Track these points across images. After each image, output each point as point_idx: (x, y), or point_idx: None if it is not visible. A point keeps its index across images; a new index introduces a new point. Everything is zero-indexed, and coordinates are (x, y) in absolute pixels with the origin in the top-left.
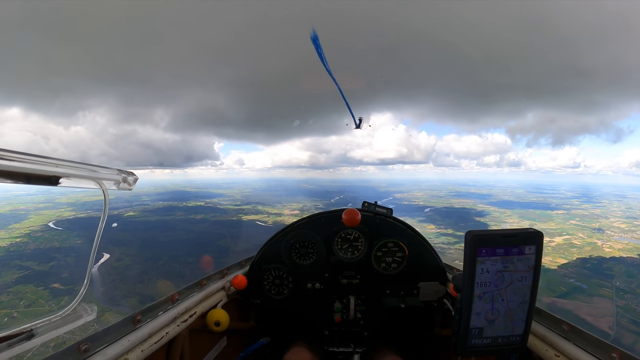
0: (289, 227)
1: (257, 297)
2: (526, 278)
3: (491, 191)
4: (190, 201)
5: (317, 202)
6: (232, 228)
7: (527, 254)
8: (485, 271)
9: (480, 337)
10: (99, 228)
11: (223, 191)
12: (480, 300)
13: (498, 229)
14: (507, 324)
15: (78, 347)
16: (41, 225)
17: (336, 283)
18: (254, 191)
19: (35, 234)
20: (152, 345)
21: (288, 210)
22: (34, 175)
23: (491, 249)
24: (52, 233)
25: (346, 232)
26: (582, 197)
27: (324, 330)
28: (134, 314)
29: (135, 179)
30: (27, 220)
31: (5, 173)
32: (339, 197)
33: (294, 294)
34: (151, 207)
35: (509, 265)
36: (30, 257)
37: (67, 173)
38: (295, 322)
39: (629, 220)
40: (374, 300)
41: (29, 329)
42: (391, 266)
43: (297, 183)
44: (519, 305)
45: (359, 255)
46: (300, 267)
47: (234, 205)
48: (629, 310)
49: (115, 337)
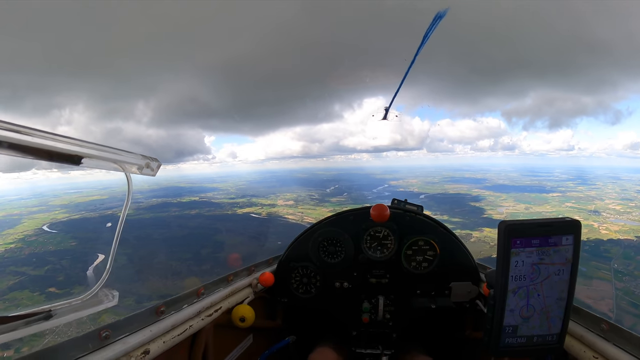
0: (317, 225)
1: (284, 296)
2: (563, 272)
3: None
4: (184, 197)
5: (311, 192)
6: (227, 222)
7: (565, 244)
8: (520, 264)
9: (514, 336)
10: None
11: (217, 185)
12: (515, 295)
13: (532, 219)
14: (543, 322)
15: (99, 333)
16: (35, 229)
17: (365, 282)
18: (248, 184)
19: (29, 239)
20: (175, 337)
21: (282, 201)
22: (56, 154)
23: (526, 240)
24: (47, 236)
25: (375, 229)
26: (577, 179)
27: (352, 331)
28: (158, 304)
29: (158, 164)
30: (20, 225)
31: (27, 149)
32: (335, 186)
33: (322, 292)
34: (145, 204)
35: (545, 257)
36: (25, 262)
37: (90, 153)
38: (322, 322)
39: (624, 202)
40: (403, 301)
41: (48, 309)
42: (422, 265)
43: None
44: (556, 301)
45: (388, 254)
46: (328, 265)
47: (228, 199)
48: (628, 293)
49: (138, 327)
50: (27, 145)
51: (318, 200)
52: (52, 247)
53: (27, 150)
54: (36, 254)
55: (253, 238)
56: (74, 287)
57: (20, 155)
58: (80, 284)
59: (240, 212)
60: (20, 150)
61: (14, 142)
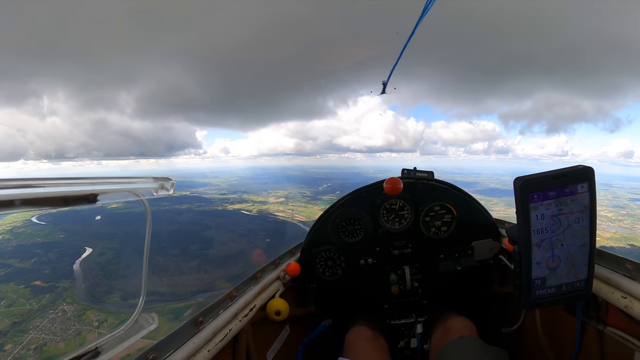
0: (332, 207)
1: (313, 282)
2: (583, 219)
3: (477, 179)
4: (175, 191)
5: (303, 190)
6: (217, 218)
7: (581, 192)
8: (540, 217)
9: (544, 287)
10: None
11: (209, 180)
12: (539, 248)
13: (546, 171)
14: (569, 269)
15: (145, 357)
16: (24, 221)
17: (388, 255)
18: (240, 180)
19: (17, 230)
20: (218, 344)
21: (273, 198)
22: (71, 198)
23: (543, 193)
24: (35, 228)
25: (390, 202)
26: None
27: (384, 305)
28: (196, 315)
29: (172, 183)
30: (9, 216)
31: (41, 201)
32: (327, 184)
33: (348, 272)
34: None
35: (564, 207)
36: (12, 254)
37: (104, 190)
38: (353, 301)
39: (615, 210)
40: (429, 267)
41: (94, 347)
42: (441, 230)
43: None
44: (580, 248)
45: (406, 224)
46: (349, 244)
47: (219, 195)
48: None
49: (181, 342)
50: (40, 198)
51: (310, 198)
52: (40, 239)
53: (42, 202)
54: (23, 245)
55: (242, 235)
56: (60, 280)
57: (36, 208)
58: (66, 278)
59: (231, 208)
60: (34, 204)
61: (27, 197)
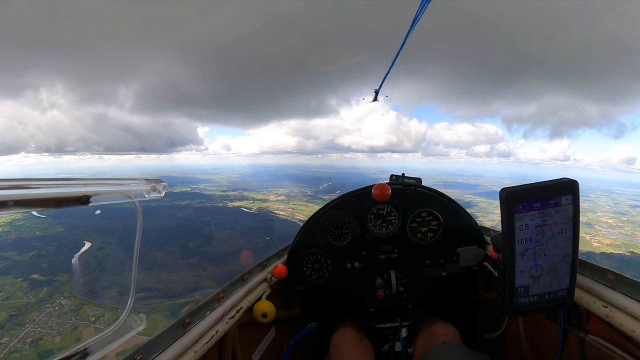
0: (321, 210)
1: (299, 284)
2: (566, 230)
3: (479, 181)
4: (176, 187)
5: (304, 189)
6: (217, 215)
7: (565, 204)
8: (525, 227)
9: (526, 295)
10: (137, 242)
11: (210, 177)
12: (523, 257)
13: (531, 183)
14: (552, 279)
15: (133, 358)
16: (24, 213)
17: (375, 260)
18: (241, 177)
19: (17, 222)
20: (204, 345)
21: (274, 196)
22: (64, 199)
23: (528, 204)
24: (35, 221)
25: (378, 207)
26: None
27: (369, 308)
28: (183, 317)
29: (164, 185)
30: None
31: (34, 202)
32: (328, 183)
33: (335, 275)
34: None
35: (548, 218)
36: (11, 247)
37: (96, 191)
38: (339, 304)
39: (616, 216)
40: (414, 272)
41: (82, 348)
42: (427, 236)
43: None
44: (562, 258)
45: (393, 229)
46: (337, 248)
47: (220, 192)
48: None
49: (168, 343)
50: (33, 199)
51: (310, 197)
52: (39, 232)
53: (35, 203)
54: (23, 238)
55: (242, 233)
56: (58, 274)
57: (29, 209)
58: (64, 272)
59: (231, 206)
60: (27, 205)
61: (19, 198)
